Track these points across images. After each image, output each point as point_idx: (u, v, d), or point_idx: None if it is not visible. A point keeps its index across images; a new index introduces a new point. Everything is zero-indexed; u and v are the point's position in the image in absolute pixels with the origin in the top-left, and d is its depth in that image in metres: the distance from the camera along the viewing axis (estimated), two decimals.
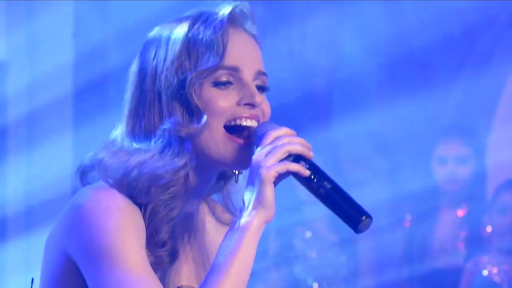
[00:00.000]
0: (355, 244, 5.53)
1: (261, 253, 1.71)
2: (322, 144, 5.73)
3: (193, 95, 1.72)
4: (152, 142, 1.74)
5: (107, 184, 1.73)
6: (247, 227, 1.66)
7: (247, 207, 1.68)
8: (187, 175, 1.74)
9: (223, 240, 1.69)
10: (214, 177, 1.85)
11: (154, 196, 1.71)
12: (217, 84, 1.74)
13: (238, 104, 1.75)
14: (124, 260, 1.64)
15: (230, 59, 1.74)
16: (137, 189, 1.70)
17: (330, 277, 5.35)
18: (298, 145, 1.70)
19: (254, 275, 1.71)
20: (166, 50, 1.75)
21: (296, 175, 1.70)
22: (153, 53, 1.77)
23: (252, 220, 1.67)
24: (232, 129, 1.75)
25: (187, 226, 1.85)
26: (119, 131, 1.81)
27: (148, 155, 1.71)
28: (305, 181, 1.70)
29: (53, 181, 5.09)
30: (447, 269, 5.50)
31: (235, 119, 1.75)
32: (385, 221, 5.58)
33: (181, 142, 1.72)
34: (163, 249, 1.74)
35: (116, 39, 5.38)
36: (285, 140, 1.70)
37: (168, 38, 1.76)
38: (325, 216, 5.31)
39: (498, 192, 5.48)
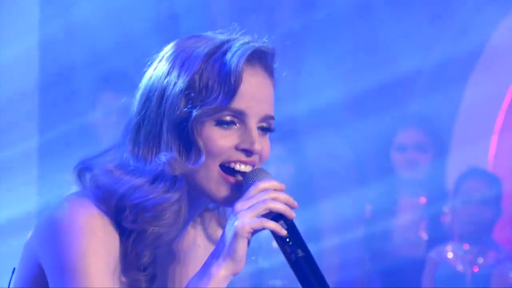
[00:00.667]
0: (319, 238, 5.55)
1: None
2: (288, 133, 5.75)
3: (195, 132, 1.69)
4: (147, 168, 1.71)
5: (94, 196, 1.72)
6: (213, 277, 1.66)
7: (218, 255, 1.67)
8: (180, 207, 1.72)
9: (190, 281, 1.69)
10: (204, 206, 1.85)
11: (141, 225, 1.69)
12: (220, 123, 1.71)
13: (236, 148, 1.72)
14: (86, 284, 1.64)
15: (239, 102, 1.70)
16: (124, 215, 1.69)
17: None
18: (281, 204, 1.68)
19: None
20: (178, 75, 1.71)
21: (272, 232, 1.68)
22: (167, 71, 1.73)
23: (219, 270, 1.66)
24: (226, 169, 1.73)
25: (171, 250, 1.84)
26: (122, 146, 1.78)
27: (140, 182, 1.69)
28: (279, 240, 1.69)
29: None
30: (409, 258, 5.54)
31: (229, 162, 1.73)
32: (348, 211, 5.64)
33: (175, 177, 1.70)
34: (143, 274, 1.73)
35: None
36: (271, 195, 1.67)
37: (184, 62, 1.72)
38: None
39: (459, 182, 5.52)
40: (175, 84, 1.71)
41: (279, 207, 1.67)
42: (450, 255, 5.39)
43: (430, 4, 6.16)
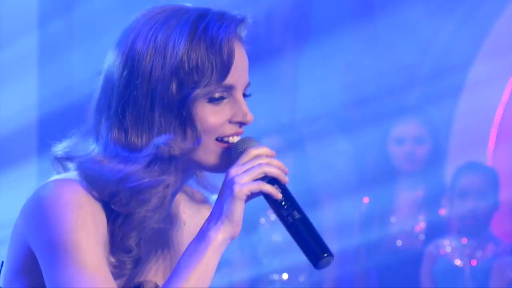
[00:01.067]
0: (318, 227, 5.54)
1: None
2: (287, 126, 5.75)
3: (192, 113, 1.69)
4: (140, 153, 1.69)
5: (81, 179, 1.70)
6: (211, 241, 1.66)
7: (215, 220, 1.68)
8: (167, 188, 1.72)
9: (187, 248, 1.69)
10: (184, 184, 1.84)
11: (132, 208, 1.69)
12: (212, 100, 1.71)
13: (230, 121, 1.73)
14: (79, 257, 1.63)
15: (230, 77, 1.72)
16: (116, 199, 1.68)
17: (294, 260, 5.38)
18: (275, 168, 1.70)
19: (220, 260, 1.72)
20: (164, 56, 1.69)
21: (267, 197, 1.70)
22: (150, 49, 1.70)
23: (217, 234, 1.66)
24: (220, 141, 1.74)
25: (156, 231, 1.81)
26: (103, 132, 1.75)
27: (134, 168, 1.68)
28: (275, 205, 1.70)
29: None
30: (406, 250, 5.55)
31: (224, 137, 1.74)
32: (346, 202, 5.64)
33: (170, 158, 1.70)
34: (128, 255, 1.73)
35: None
36: (264, 160, 1.69)
37: (166, 43, 1.70)
38: None
39: (457, 176, 5.52)
40: (163, 66, 1.68)
41: (274, 171, 1.69)
42: (448, 249, 5.40)
43: None
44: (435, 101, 5.94)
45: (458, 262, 5.35)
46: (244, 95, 1.78)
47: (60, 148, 1.79)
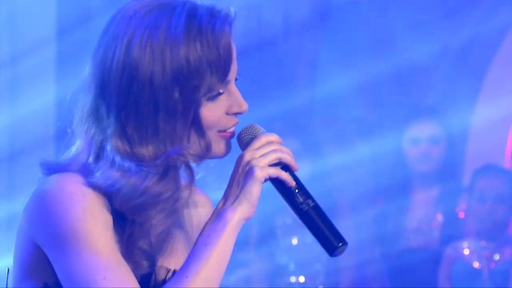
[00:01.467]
0: None
1: (243, 239, 1.72)
2: (304, 127, 5.75)
3: (200, 117, 1.69)
4: (149, 164, 1.68)
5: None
6: (228, 221, 1.67)
7: (231, 200, 1.69)
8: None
9: (204, 228, 1.69)
10: None
11: (146, 218, 1.70)
12: (211, 98, 1.72)
13: (227, 113, 1.74)
14: (92, 244, 1.62)
15: (234, 73, 1.75)
16: (134, 211, 1.68)
17: (311, 262, 5.38)
18: (287, 155, 1.71)
19: (236, 262, 1.72)
20: (163, 63, 1.66)
21: (281, 184, 1.70)
22: (146, 61, 1.67)
23: (234, 214, 1.67)
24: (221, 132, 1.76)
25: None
26: (103, 143, 1.72)
27: (151, 182, 1.67)
28: (288, 193, 1.70)
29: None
30: (422, 250, 5.55)
31: (225, 129, 1.75)
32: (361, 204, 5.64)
33: (183, 165, 1.72)
34: (141, 256, 1.72)
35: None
36: (276, 146, 1.71)
37: (163, 48, 1.67)
38: None
39: (475, 178, 5.50)
40: (162, 74, 1.66)
41: (287, 158, 1.71)
42: (466, 251, 5.37)
43: None
44: (454, 103, 5.93)
45: (476, 264, 5.33)
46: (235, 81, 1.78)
47: (63, 163, 1.76)
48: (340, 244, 1.68)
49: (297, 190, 1.70)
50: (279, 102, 5.45)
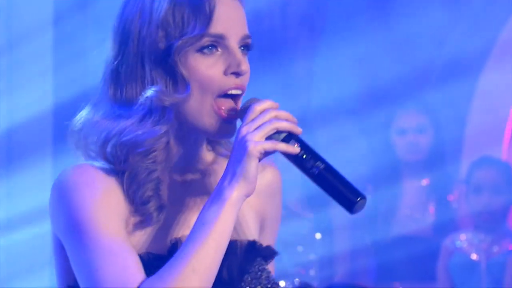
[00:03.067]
0: (331, 224, 5.55)
1: None
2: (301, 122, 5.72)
3: (178, 63, 1.71)
4: (133, 108, 1.73)
5: (90, 159, 1.75)
6: (226, 199, 1.65)
7: (229, 178, 1.67)
8: (167, 142, 1.74)
9: (204, 207, 1.69)
10: (198, 143, 1.83)
11: (133, 163, 1.71)
12: (202, 49, 1.73)
13: (224, 73, 1.74)
14: (104, 231, 1.65)
15: (217, 26, 1.72)
16: (116, 157, 1.71)
17: (305, 254, 5.39)
18: (285, 121, 1.68)
19: None
20: (151, 13, 1.73)
21: (286, 154, 1.68)
22: (138, 12, 1.75)
23: (232, 192, 1.65)
24: (223, 97, 1.75)
25: (185, 195, 1.84)
26: (100, 93, 1.79)
27: (128, 123, 1.71)
28: (296, 160, 1.68)
29: None
30: (415, 238, 5.55)
31: (223, 91, 1.74)
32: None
33: (163, 110, 1.71)
34: (149, 206, 1.73)
35: None
36: (272, 114, 1.68)
37: (153, 1, 1.74)
38: (298, 193, 5.36)
39: (472, 170, 5.51)
40: (149, 21, 1.72)
41: (285, 125, 1.67)
42: (464, 243, 5.37)
43: None
44: (450, 96, 5.95)
45: (474, 256, 5.33)
46: (244, 48, 1.78)
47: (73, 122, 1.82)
48: (359, 199, 1.65)
49: (304, 156, 1.67)
50: (276, 96, 5.45)
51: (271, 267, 1.88)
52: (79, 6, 5.24)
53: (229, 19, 1.74)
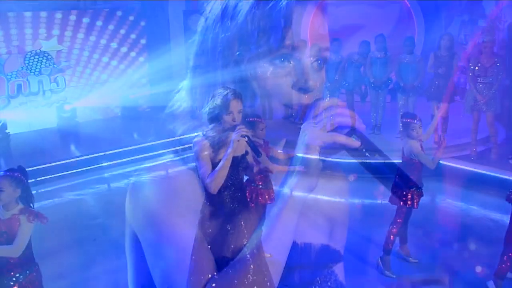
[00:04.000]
0: None
1: None
2: None
3: (249, 74, 1.72)
4: (207, 114, 1.77)
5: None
6: (290, 193, 1.69)
7: (292, 175, 1.70)
8: None
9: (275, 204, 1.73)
10: None
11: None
12: (273, 62, 1.72)
13: (293, 87, 1.74)
14: (170, 239, 1.76)
15: (292, 39, 1.71)
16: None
17: None
18: (344, 117, 1.69)
19: None
20: (230, 21, 1.73)
21: (346, 148, 1.69)
22: (218, 20, 1.75)
23: (294, 188, 1.69)
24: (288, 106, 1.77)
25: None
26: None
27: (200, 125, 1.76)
28: (355, 153, 1.69)
29: None
30: None
31: (291, 105, 1.75)
32: None
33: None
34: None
35: None
36: (334, 111, 1.69)
37: (234, 8, 1.72)
38: None
39: None
40: (227, 29, 1.72)
41: (345, 120, 1.68)
42: None
43: None
44: None
45: None
46: (320, 61, 1.76)
47: None
48: (413, 189, 1.65)
49: (363, 150, 1.69)
50: None
51: (339, 270, 1.91)
52: None
53: (306, 31, 1.72)
